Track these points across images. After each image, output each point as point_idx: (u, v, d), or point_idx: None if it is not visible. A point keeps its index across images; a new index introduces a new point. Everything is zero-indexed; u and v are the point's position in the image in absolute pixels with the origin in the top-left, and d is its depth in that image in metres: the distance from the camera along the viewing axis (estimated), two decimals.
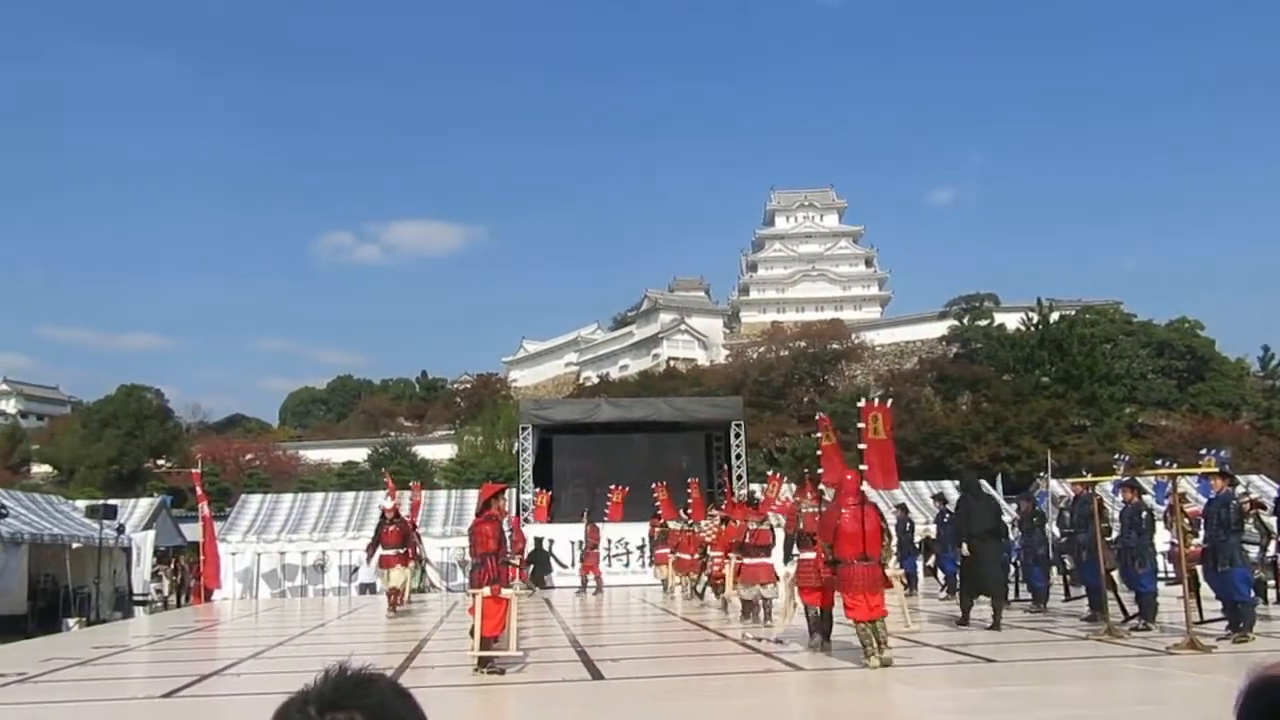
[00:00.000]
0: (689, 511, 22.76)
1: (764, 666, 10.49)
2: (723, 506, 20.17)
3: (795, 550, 12.81)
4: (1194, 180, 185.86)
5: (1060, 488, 23.87)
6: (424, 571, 25.29)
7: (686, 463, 29.97)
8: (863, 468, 10.95)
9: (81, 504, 27.70)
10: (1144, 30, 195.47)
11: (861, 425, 11.37)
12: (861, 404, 11.82)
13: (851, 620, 10.32)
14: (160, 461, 72.64)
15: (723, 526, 18.49)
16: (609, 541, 26.40)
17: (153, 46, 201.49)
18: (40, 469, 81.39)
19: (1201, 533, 12.47)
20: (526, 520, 27.37)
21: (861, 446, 11.09)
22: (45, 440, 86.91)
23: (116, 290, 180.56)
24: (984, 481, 19.50)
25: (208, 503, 27.77)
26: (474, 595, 10.56)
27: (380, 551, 19.22)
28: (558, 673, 10.27)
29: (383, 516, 19.95)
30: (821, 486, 12.72)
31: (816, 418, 15.11)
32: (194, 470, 29.67)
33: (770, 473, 25.12)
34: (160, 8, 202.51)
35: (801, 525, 12.68)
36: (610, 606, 20.92)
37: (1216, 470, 12.60)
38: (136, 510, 29.15)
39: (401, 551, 19.10)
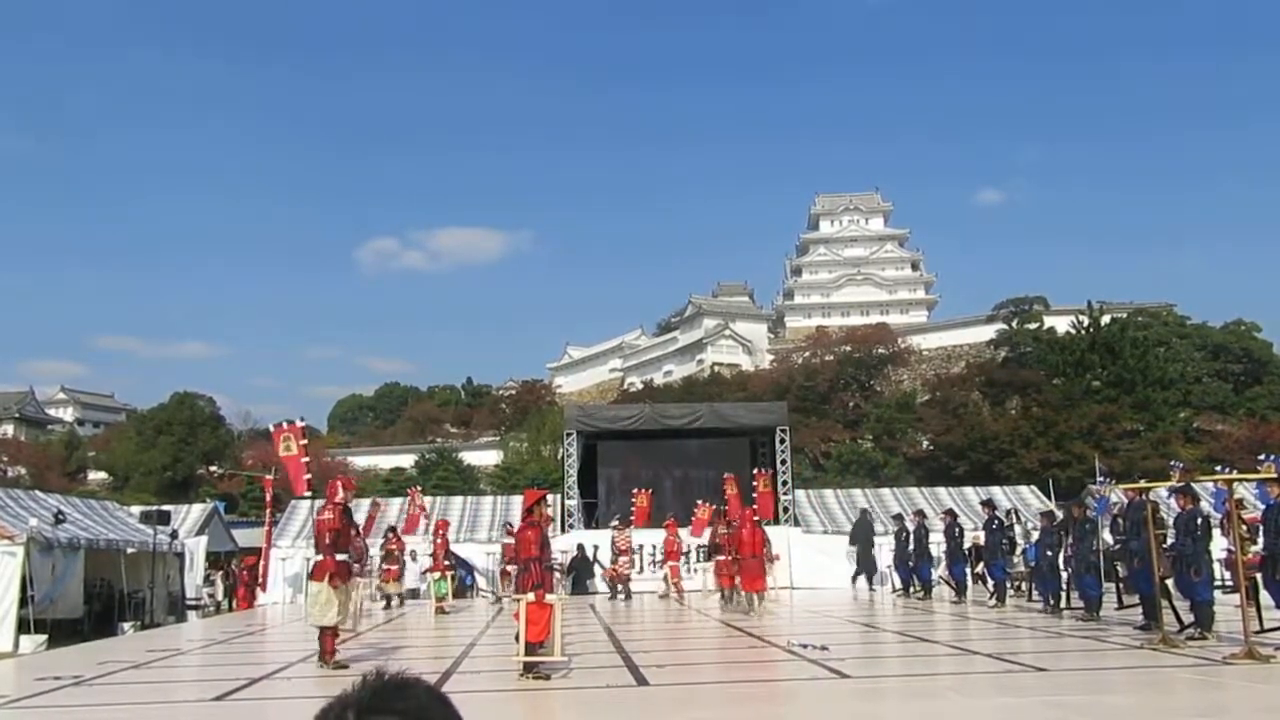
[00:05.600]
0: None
1: (809, 673, 10.41)
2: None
3: (714, 553, 21.91)
4: (1252, 185, 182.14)
5: (1114, 494, 23.44)
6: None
7: (731, 468, 29.92)
8: (756, 507, 23.91)
9: (136, 510, 28.21)
10: (1198, 39, 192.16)
11: (758, 484, 27.95)
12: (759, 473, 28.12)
13: (744, 590, 18.97)
14: (213, 468, 73.78)
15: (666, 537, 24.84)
16: (639, 547, 26.33)
17: (196, 49, 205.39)
18: (96, 475, 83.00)
19: (1260, 540, 12.18)
20: (570, 525, 27.43)
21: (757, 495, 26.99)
22: (101, 447, 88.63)
23: (167, 300, 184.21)
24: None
25: (270, 509, 28.25)
26: (519, 601, 10.61)
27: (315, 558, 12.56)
28: (603, 678, 10.26)
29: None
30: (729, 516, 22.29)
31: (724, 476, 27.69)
32: (267, 476, 30.05)
33: (700, 502, 27.08)
34: (208, 7, 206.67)
35: (715, 539, 21.61)
36: (655, 612, 20.89)
37: (1275, 476, 12.29)
38: (189, 516, 29.64)
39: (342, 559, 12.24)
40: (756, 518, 20.71)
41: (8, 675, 12.35)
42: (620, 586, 24.35)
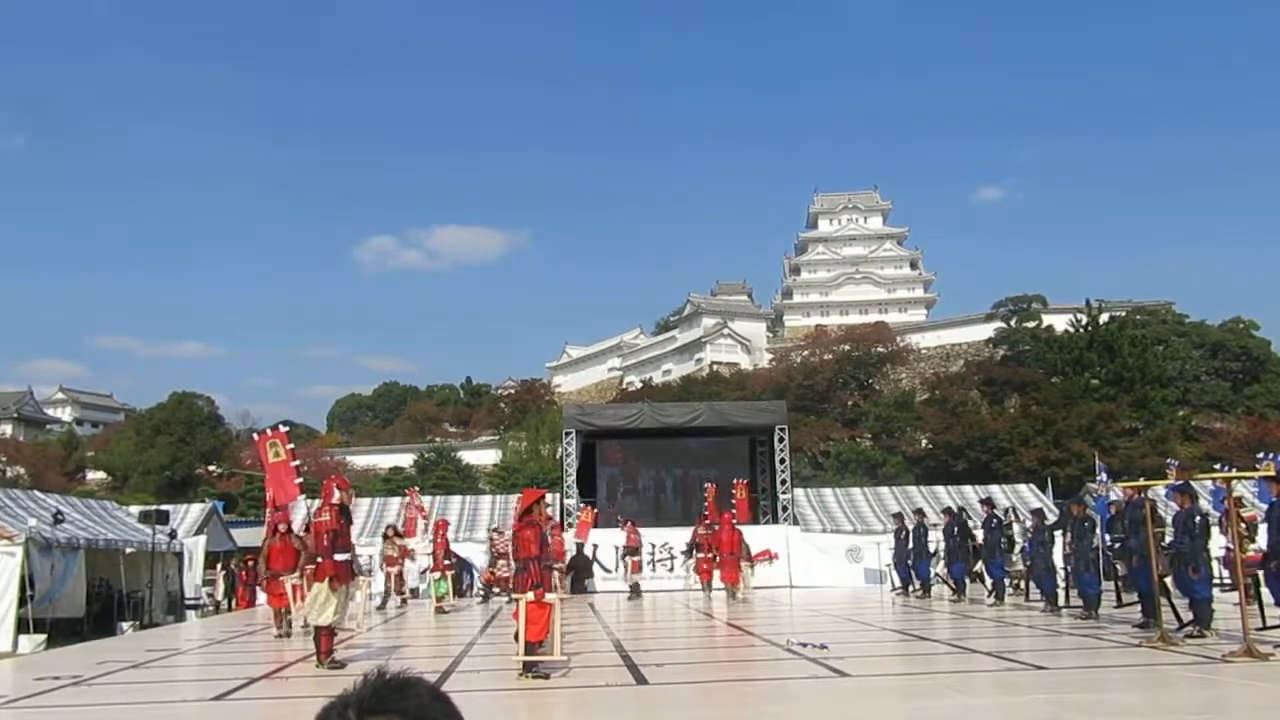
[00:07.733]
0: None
1: (809, 672, 10.42)
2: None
3: (695, 551, 24.62)
4: (1248, 184, 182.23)
5: (1113, 493, 23.43)
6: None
7: (730, 467, 29.94)
8: (734, 512, 25.60)
9: (135, 509, 28.18)
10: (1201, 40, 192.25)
11: (737, 492, 28.51)
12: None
13: (723, 583, 22.51)
14: (211, 467, 73.74)
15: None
16: (653, 546, 26.42)
17: (195, 48, 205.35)
18: (95, 475, 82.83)
19: (1263, 537, 12.18)
20: (569, 524, 27.45)
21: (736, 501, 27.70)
22: (100, 447, 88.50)
23: (165, 299, 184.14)
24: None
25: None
26: (517, 600, 10.60)
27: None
28: (602, 677, 10.26)
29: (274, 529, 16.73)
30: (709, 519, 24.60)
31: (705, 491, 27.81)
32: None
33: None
34: (207, 6, 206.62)
35: (696, 539, 24.32)
36: (654, 611, 20.89)
37: (1274, 474, 12.30)
38: (188, 515, 29.61)
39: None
40: (735, 521, 24.14)
41: (7, 675, 12.35)
42: (498, 589, 22.92)
